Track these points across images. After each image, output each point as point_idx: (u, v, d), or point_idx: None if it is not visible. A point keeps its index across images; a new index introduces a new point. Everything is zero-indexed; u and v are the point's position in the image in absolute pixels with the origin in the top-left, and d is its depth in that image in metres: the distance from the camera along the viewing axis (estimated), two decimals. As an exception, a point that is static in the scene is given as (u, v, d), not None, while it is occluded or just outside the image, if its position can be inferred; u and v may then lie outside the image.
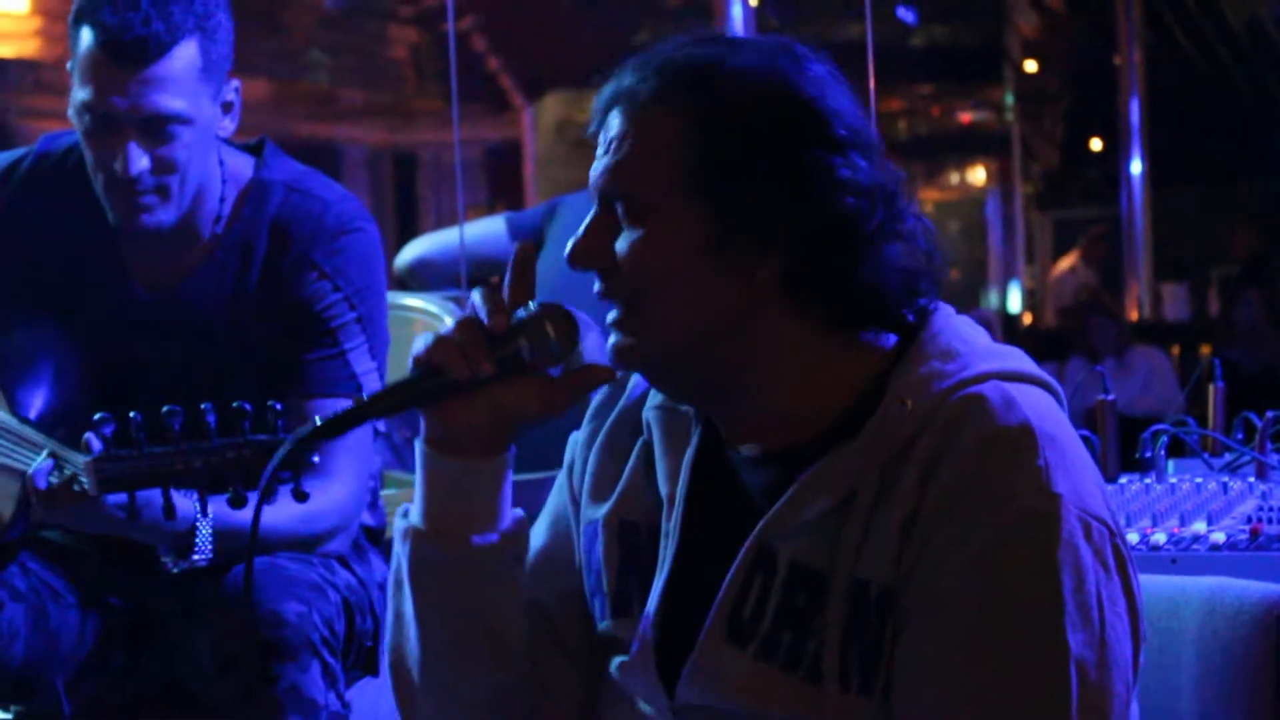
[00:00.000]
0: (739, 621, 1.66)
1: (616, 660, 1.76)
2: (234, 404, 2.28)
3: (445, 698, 1.80)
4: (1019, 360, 1.68)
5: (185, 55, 2.56)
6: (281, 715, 2.47)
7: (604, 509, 1.80)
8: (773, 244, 1.63)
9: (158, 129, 2.57)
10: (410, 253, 4.52)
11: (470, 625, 1.76)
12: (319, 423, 1.69)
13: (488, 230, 4.29)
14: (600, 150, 1.70)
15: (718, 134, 1.63)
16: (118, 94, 2.54)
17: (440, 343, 1.70)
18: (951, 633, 1.56)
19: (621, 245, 1.66)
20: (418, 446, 1.76)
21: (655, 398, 1.80)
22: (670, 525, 1.73)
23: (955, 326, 1.70)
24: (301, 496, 2.28)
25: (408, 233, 12.63)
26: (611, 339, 1.70)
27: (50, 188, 2.74)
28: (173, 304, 2.70)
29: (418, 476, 1.77)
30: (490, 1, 12.55)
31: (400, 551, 1.78)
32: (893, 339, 1.69)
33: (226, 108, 2.67)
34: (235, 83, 2.68)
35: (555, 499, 1.90)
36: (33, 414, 2.68)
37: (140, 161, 2.56)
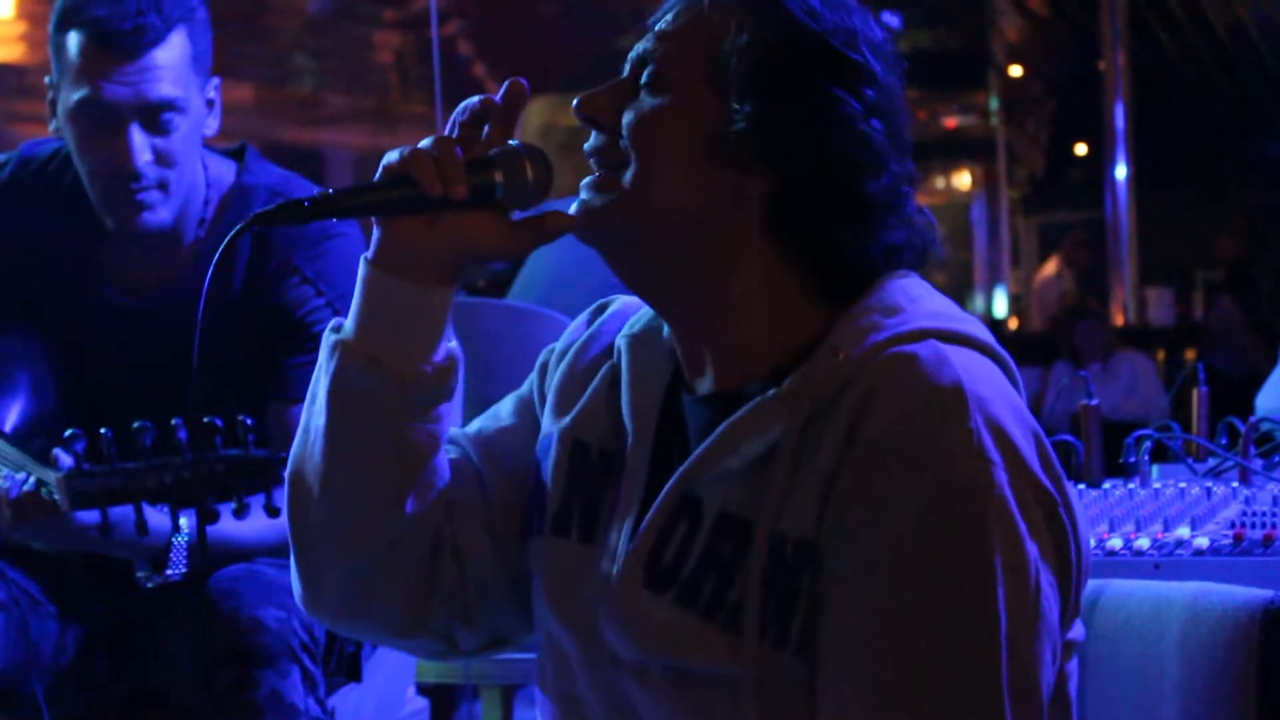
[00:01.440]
0: (657, 567, 1.63)
1: (549, 587, 1.72)
2: (205, 419, 2.27)
3: (344, 525, 1.72)
4: (968, 325, 1.64)
5: (177, 44, 2.59)
6: None
7: (561, 424, 1.77)
8: (767, 161, 1.62)
9: (156, 117, 2.58)
10: None
11: (379, 452, 1.70)
12: (278, 204, 1.65)
13: None
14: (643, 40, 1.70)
15: (758, 43, 1.63)
16: (117, 83, 2.56)
17: (416, 155, 1.65)
18: (879, 600, 1.52)
19: (633, 109, 1.66)
20: (362, 264, 1.71)
21: (631, 327, 1.78)
22: (638, 461, 1.70)
23: (908, 286, 1.66)
24: (274, 512, 2.28)
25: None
26: (583, 195, 1.67)
27: (30, 195, 2.74)
28: (153, 311, 2.70)
29: (358, 294, 1.71)
30: (475, 6, 12.55)
31: (324, 364, 1.71)
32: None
33: (209, 105, 2.69)
34: (216, 80, 2.70)
35: (524, 389, 1.87)
36: (8, 425, 2.68)
37: (144, 153, 2.58)
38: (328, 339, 1.72)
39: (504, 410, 1.86)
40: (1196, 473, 3.02)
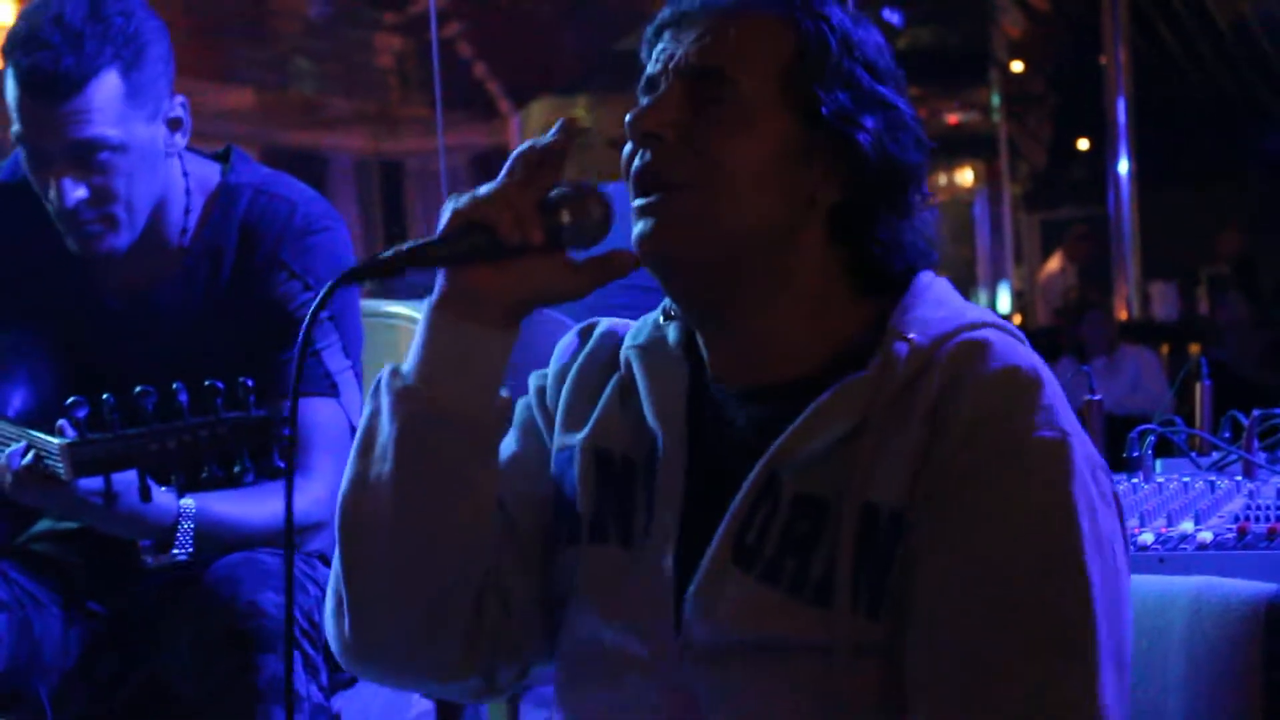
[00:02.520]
0: (743, 546, 1.65)
1: (592, 596, 1.73)
2: (205, 382, 2.29)
3: (405, 570, 1.72)
4: (997, 318, 1.72)
5: (107, 84, 2.56)
6: (264, 706, 2.47)
7: (580, 435, 1.79)
8: (841, 171, 1.66)
9: (87, 158, 2.57)
10: None
11: (450, 496, 1.71)
12: (364, 261, 1.65)
13: None
14: (683, 38, 1.68)
15: (827, 50, 1.66)
16: (41, 130, 2.56)
17: (490, 201, 1.65)
18: (971, 566, 1.57)
19: (707, 128, 1.65)
20: (428, 308, 1.71)
21: (634, 339, 1.80)
22: (673, 459, 1.72)
23: (940, 283, 1.75)
24: (276, 473, 2.30)
25: (395, 241, 12.60)
26: (647, 223, 1.67)
27: (19, 203, 2.75)
28: (145, 311, 2.72)
29: (421, 339, 1.71)
30: (476, 8, 12.54)
31: (387, 411, 1.70)
32: (875, 298, 1.72)
33: (174, 124, 2.68)
34: (180, 98, 2.68)
35: (523, 414, 1.88)
36: (10, 413, 2.69)
37: (74, 193, 2.58)
38: (389, 384, 1.71)
39: (506, 442, 1.86)
40: (1200, 467, 3.03)
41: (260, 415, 2.31)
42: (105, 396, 2.30)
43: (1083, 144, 16.98)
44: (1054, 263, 14.18)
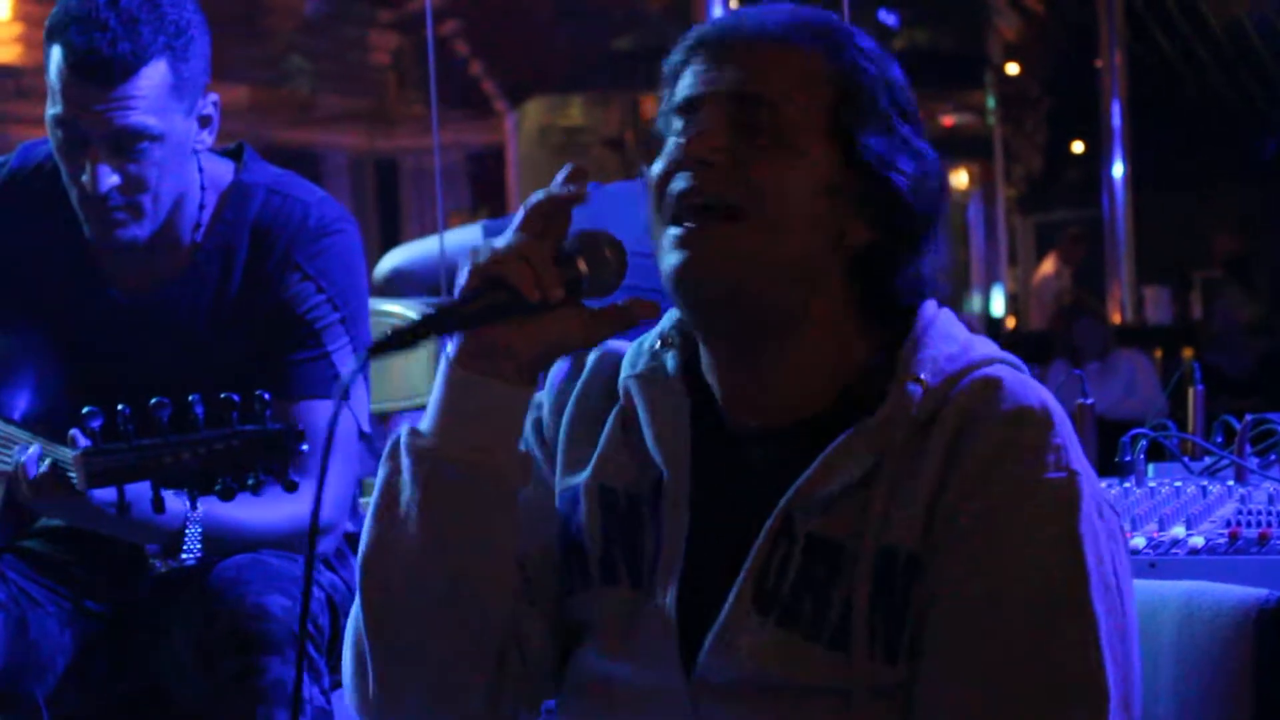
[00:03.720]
0: (763, 589, 1.66)
1: (604, 640, 1.73)
2: (221, 395, 2.28)
3: (431, 627, 1.71)
4: (1005, 353, 1.72)
5: (155, 74, 2.56)
6: (267, 709, 2.46)
7: (583, 475, 1.78)
8: (870, 213, 1.67)
9: (127, 146, 2.56)
10: (387, 264, 4.54)
11: (475, 553, 1.70)
12: (390, 333, 1.62)
13: (465, 238, 4.30)
14: (727, 59, 1.68)
15: (868, 86, 1.67)
16: (85, 113, 2.54)
17: (509, 260, 1.63)
18: (984, 604, 1.59)
19: (759, 156, 1.65)
20: (445, 365, 1.70)
21: (633, 368, 1.78)
22: (678, 497, 1.71)
23: (945, 315, 1.74)
24: (291, 487, 2.29)
25: (390, 239, 12.62)
26: (685, 254, 1.66)
27: (28, 196, 2.74)
28: (154, 309, 2.71)
29: (439, 397, 1.69)
30: (472, 7, 12.54)
31: (409, 470, 1.69)
32: (879, 333, 1.73)
33: (204, 121, 2.67)
34: (213, 96, 2.68)
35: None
36: (16, 417, 2.68)
37: (109, 179, 2.56)
38: (409, 444, 1.70)
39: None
40: (1192, 471, 3.03)
41: (276, 429, 2.30)
42: (120, 407, 2.29)
43: (1078, 147, 16.99)
44: (1048, 266, 14.18)
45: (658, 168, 1.69)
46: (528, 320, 1.65)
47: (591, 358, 1.84)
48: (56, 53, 2.56)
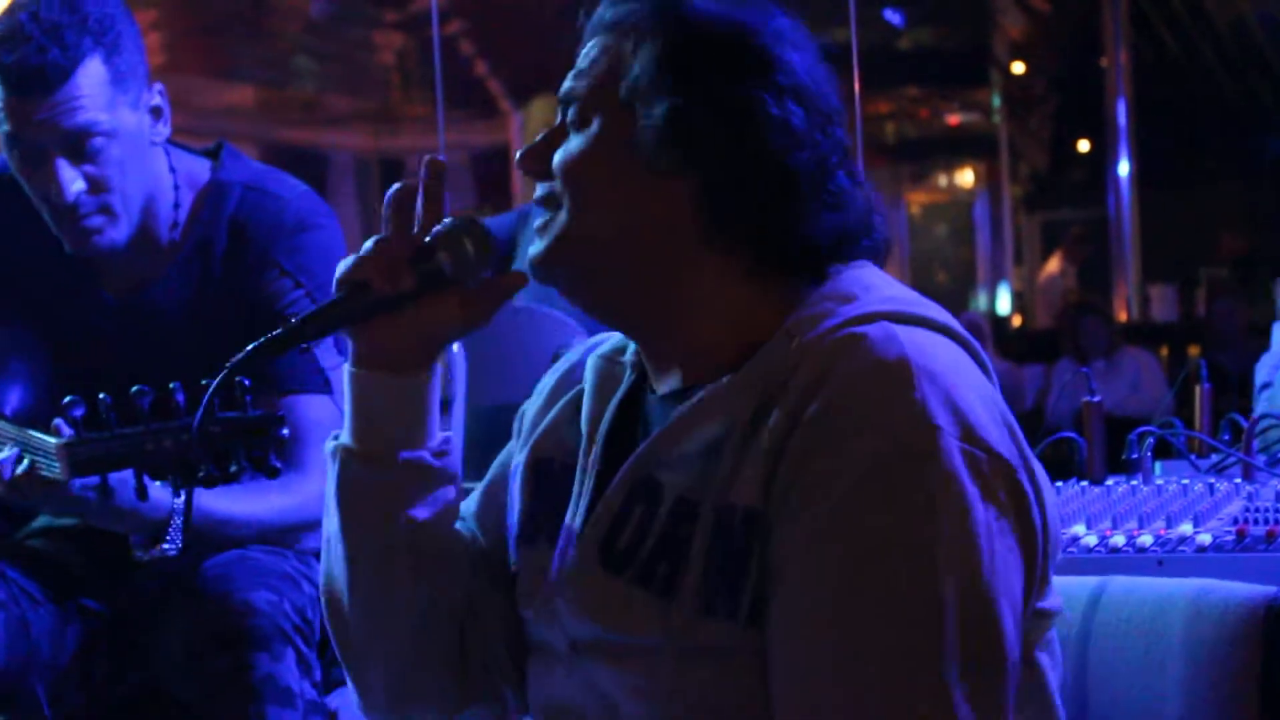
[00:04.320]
0: (613, 549, 1.67)
1: (525, 596, 1.77)
2: (202, 381, 2.29)
3: (374, 621, 1.79)
4: (926, 308, 1.66)
5: (90, 73, 2.58)
6: (259, 705, 2.47)
7: (521, 454, 1.84)
8: (687, 161, 1.66)
9: (80, 145, 2.59)
10: None
11: (397, 543, 1.76)
12: (252, 346, 1.71)
13: None
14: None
15: (661, 49, 1.67)
16: (31, 124, 2.58)
17: (361, 260, 1.72)
18: (823, 570, 1.53)
19: (560, 150, 1.71)
20: (345, 368, 1.78)
21: (602, 348, 1.84)
22: (589, 462, 1.75)
23: (863, 275, 1.69)
24: (273, 472, 2.31)
25: (395, 238, 12.59)
26: (535, 244, 1.73)
27: (15, 198, 2.75)
28: (141, 308, 2.72)
29: (346, 397, 1.78)
30: (476, 6, 12.55)
31: (330, 472, 1.79)
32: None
33: (156, 113, 2.69)
34: (158, 86, 2.71)
35: (504, 454, 1.93)
36: (8, 412, 2.69)
37: (74, 184, 2.59)
38: (327, 447, 1.80)
39: (491, 469, 1.92)
40: (1199, 469, 3.03)
41: (257, 415, 2.32)
42: (102, 396, 2.31)
43: (1083, 145, 16.98)
44: (1053, 264, 14.18)
45: None
46: (398, 314, 1.73)
47: (576, 350, 1.90)
48: None
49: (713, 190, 1.66)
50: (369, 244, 1.73)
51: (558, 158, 1.71)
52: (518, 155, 1.75)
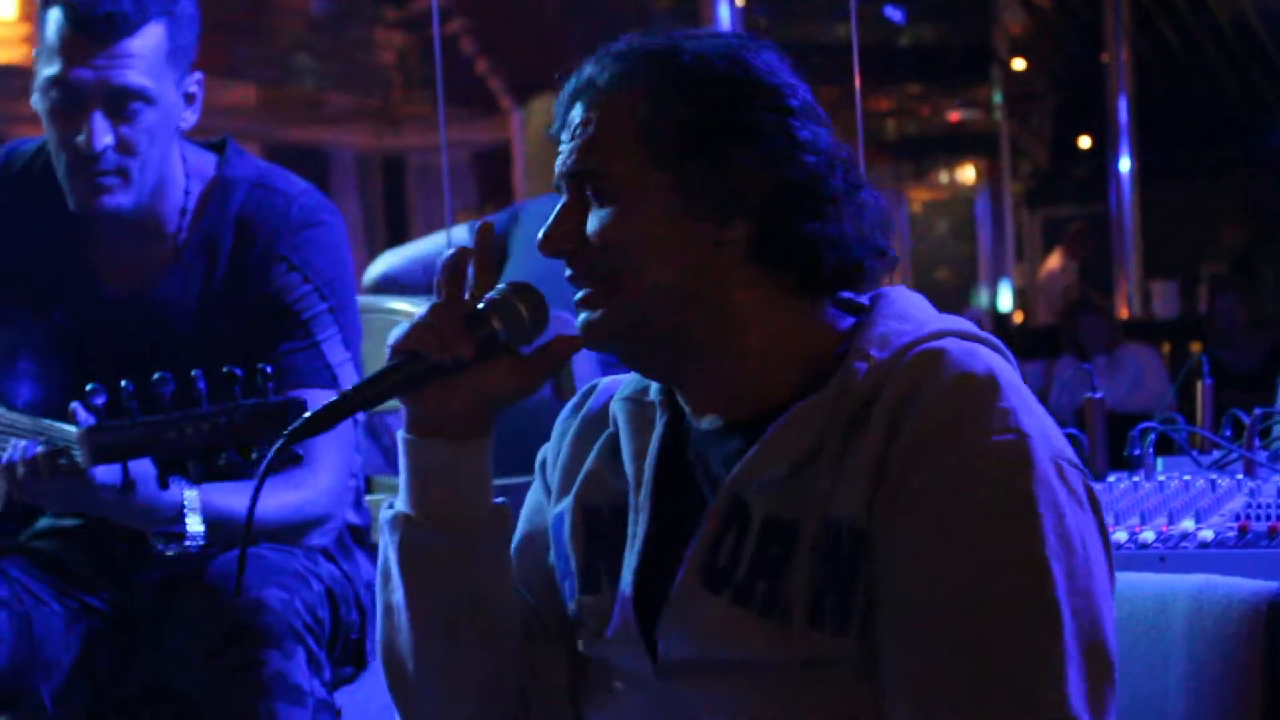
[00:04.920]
0: (713, 570, 1.69)
1: (592, 639, 1.78)
2: (224, 369, 2.30)
3: (440, 686, 1.80)
4: (970, 326, 1.73)
5: (152, 35, 2.61)
6: (269, 702, 2.47)
7: (567, 499, 1.84)
8: (739, 205, 1.68)
9: (122, 105, 2.61)
10: (376, 269, 4.56)
11: (463, 608, 1.77)
12: (306, 417, 1.70)
13: (453, 239, 4.31)
14: (565, 141, 1.74)
15: (678, 106, 1.68)
16: (85, 67, 2.59)
17: (417, 328, 1.71)
18: (933, 576, 1.58)
19: (592, 223, 1.71)
20: (399, 435, 1.78)
21: (624, 390, 1.85)
22: (640, 500, 1.77)
23: (908, 296, 1.76)
24: (295, 459, 2.36)
25: (398, 237, 12.62)
26: (581, 316, 1.73)
27: (18, 192, 2.76)
28: (145, 303, 2.72)
29: (402, 464, 1.78)
30: (477, 4, 12.54)
31: (389, 540, 1.78)
32: (849, 320, 1.74)
33: (189, 99, 2.72)
34: (198, 75, 2.73)
35: (531, 496, 1.94)
36: (19, 405, 2.69)
37: (104, 137, 2.61)
38: (384, 516, 1.79)
39: (520, 524, 1.93)
40: (1201, 465, 3.03)
41: (279, 401, 2.32)
42: (123, 383, 2.31)
43: (1084, 142, 16.97)
44: (1053, 260, 14.17)
45: None
46: (453, 381, 1.73)
47: (593, 394, 1.91)
48: (56, 12, 2.61)
49: (765, 226, 1.69)
50: (422, 311, 1.73)
51: (597, 233, 1.70)
52: (540, 241, 1.74)
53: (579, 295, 1.73)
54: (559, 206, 1.75)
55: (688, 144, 1.68)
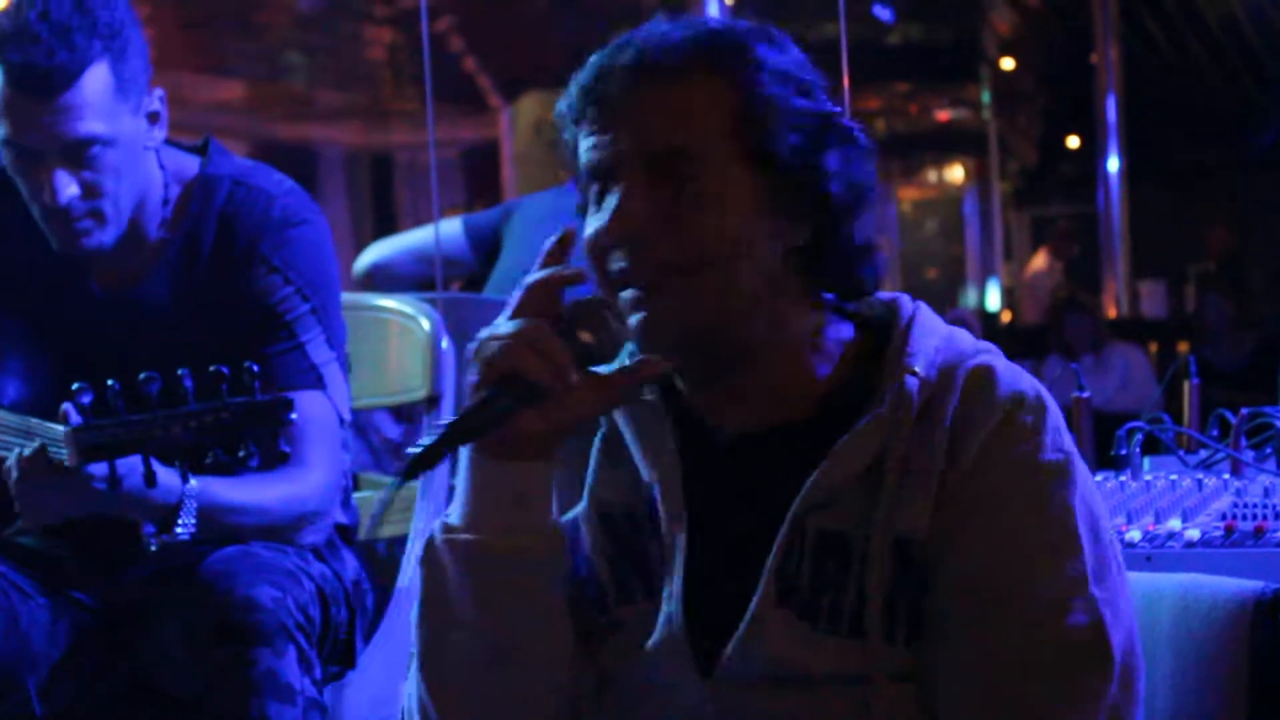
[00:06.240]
0: (785, 586, 1.67)
1: (628, 652, 1.74)
2: (211, 368, 2.29)
3: (504, 714, 1.72)
4: (987, 344, 1.75)
5: (96, 79, 2.56)
6: (259, 700, 2.46)
7: (579, 506, 1.79)
8: (809, 208, 1.66)
9: (79, 154, 2.57)
10: (366, 259, 4.56)
11: (533, 631, 1.70)
12: (418, 451, 1.58)
13: (444, 234, 4.31)
14: (625, 114, 1.64)
15: (768, 98, 1.64)
16: (33, 128, 2.55)
17: (517, 349, 1.59)
18: (988, 583, 1.63)
19: (676, 210, 1.62)
20: (465, 453, 1.67)
21: None
22: (672, 508, 1.72)
23: (926, 309, 1.77)
24: (282, 457, 2.35)
25: (385, 234, 12.59)
26: (640, 315, 1.64)
27: (3, 192, 2.74)
28: (130, 303, 2.72)
29: (466, 485, 1.68)
30: (466, 2, 12.53)
31: (452, 566, 1.67)
32: (848, 327, 1.74)
33: (153, 118, 2.68)
34: (159, 92, 2.68)
35: None
36: (5, 403, 2.69)
37: (68, 189, 2.58)
38: (449, 541, 1.68)
39: None
40: (1188, 465, 3.03)
41: (266, 400, 2.32)
42: (110, 382, 2.31)
43: (1073, 141, 17.00)
44: (1040, 260, 14.19)
45: (589, 235, 1.67)
46: (547, 402, 1.62)
47: None
48: None
49: (821, 232, 1.68)
50: (510, 329, 1.61)
51: (692, 223, 1.62)
52: (608, 226, 1.63)
53: (636, 289, 1.64)
54: (626, 187, 1.63)
55: (769, 137, 1.63)
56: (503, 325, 1.62)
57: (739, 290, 1.64)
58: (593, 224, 1.67)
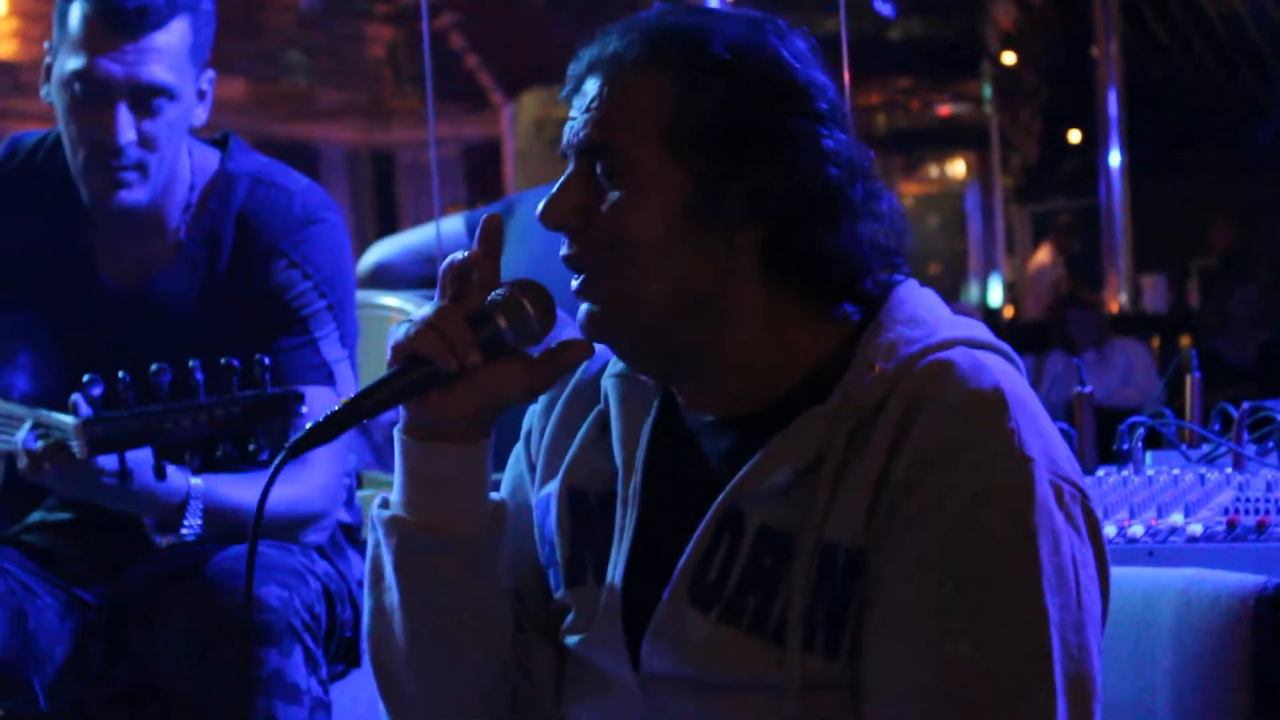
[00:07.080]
0: (703, 584, 1.64)
1: (576, 634, 1.74)
2: (221, 360, 2.30)
3: (434, 688, 1.75)
4: (981, 330, 1.68)
5: (178, 30, 2.62)
6: (266, 700, 2.47)
7: (556, 480, 1.78)
8: (756, 209, 1.62)
9: (147, 100, 2.62)
10: (370, 257, 4.56)
11: (459, 612, 1.72)
12: (309, 427, 1.64)
13: (447, 231, 4.31)
14: (578, 109, 1.67)
15: (707, 97, 1.62)
16: (114, 60, 2.59)
17: (422, 333, 1.64)
18: (926, 601, 1.54)
19: (603, 202, 1.63)
20: (397, 436, 1.72)
21: (615, 365, 1.78)
22: (629, 492, 1.71)
23: (919, 296, 1.70)
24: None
25: (387, 232, 12.59)
26: (582, 309, 1.67)
27: (19, 184, 2.76)
28: (144, 297, 2.73)
29: (398, 465, 1.72)
30: (467, 0, 12.53)
31: (383, 542, 1.72)
32: (858, 313, 1.69)
33: (201, 95, 2.73)
34: (210, 73, 2.73)
35: (512, 471, 1.88)
36: (15, 397, 2.70)
37: (128, 131, 2.62)
38: (377, 515, 1.73)
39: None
40: (1190, 459, 3.03)
41: (276, 393, 2.32)
42: (121, 375, 2.31)
43: (1074, 136, 16.98)
44: (1042, 255, 14.19)
45: None
46: (457, 384, 1.65)
47: (581, 366, 1.82)
48: (79, 6, 2.60)
49: (778, 233, 1.64)
50: (425, 312, 1.66)
51: (607, 214, 1.63)
52: (541, 211, 1.66)
53: (578, 281, 1.66)
54: (566, 175, 1.67)
55: (713, 142, 1.62)
56: (420, 309, 1.67)
57: (661, 287, 1.63)
58: None
